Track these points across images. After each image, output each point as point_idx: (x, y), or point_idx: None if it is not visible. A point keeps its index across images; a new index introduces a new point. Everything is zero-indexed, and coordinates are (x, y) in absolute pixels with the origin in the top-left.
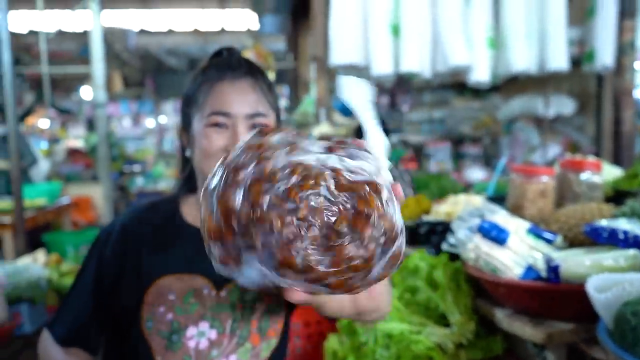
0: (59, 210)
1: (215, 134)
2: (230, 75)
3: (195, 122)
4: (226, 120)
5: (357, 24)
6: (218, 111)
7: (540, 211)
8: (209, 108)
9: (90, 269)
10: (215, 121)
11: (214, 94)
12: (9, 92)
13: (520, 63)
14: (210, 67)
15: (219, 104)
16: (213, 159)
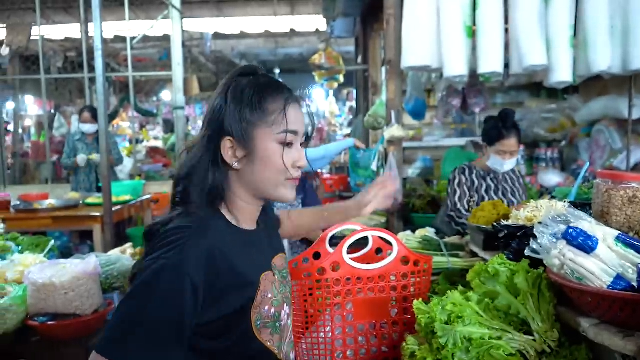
0: (141, 205)
1: (288, 151)
2: (298, 97)
3: (259, 136)
4: (294, 138)
5: (429, 27)
6: (293, 130)
7: (629, 219)
8: (283, 126)
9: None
10: (291, 139)
11: (291, 113)
12: (101, 97)
13: (602, 63)
14: (280, 87)
15: (293, 123)
16: (283, 174)
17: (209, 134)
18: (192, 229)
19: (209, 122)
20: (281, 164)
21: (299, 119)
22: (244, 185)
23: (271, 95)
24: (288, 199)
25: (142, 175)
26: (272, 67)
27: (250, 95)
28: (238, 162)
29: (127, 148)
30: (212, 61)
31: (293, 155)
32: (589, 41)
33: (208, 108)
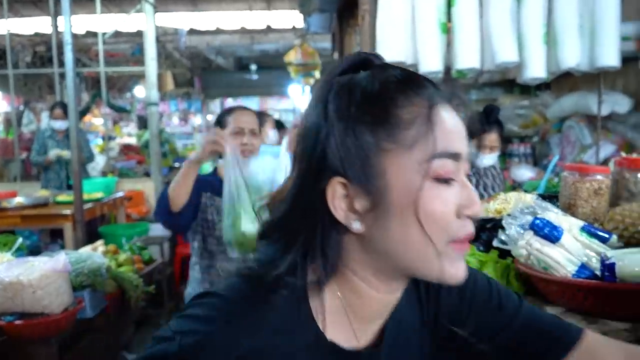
0: (114, 203)
1: (447, 189)
2: (449, 94)
3: (392, 170)
4: (455, 166)
5: (404, 22)
6: (452, 152)
7: (594, 210)
8: (434, 145)
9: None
10: (449, 169)
11: (444, 121)
12: (71, 92)
13: (571, 60)
14: (416, 80)
15: (450, 139)
16: (442, 234)
17: (302, 175)
18: (237, 314)
19: (301, 154)
20: (440, 216)
21: (457, 130)
22: (371, 259)
23: (405, 94)
24: (455, 279)
25: (116, 172)
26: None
27: (368, 101)
28: (359, 219)
29: (99, 145)
30: (186, 57)
31: (457, 195)
32: (559, 39)
33: (298, 132)
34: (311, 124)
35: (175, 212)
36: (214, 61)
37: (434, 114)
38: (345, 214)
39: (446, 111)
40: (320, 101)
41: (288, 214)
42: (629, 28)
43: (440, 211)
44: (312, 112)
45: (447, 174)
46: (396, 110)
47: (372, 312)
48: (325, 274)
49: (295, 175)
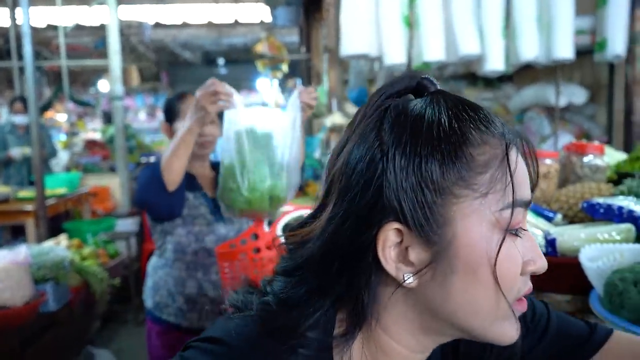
0: (78, 199)
1: (515, 243)
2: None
3: (461, 219)
4: (524, 216)
5: (368, 15)
6: (525, 200)
7: (544, 193)
8: (509, 195)
9: None
10: (520, 221)
11: (517, 166)
12: (30, 85)
13: (530, 52)
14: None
15: (522, 186)
16: (509, 294)
17: (346, 215)
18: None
19: (345, 191)
20: (511, 273)
21: (526, 175)
22: (412, 316)
23: (479, 131)
24: (512, 340)
25: (80, 168)
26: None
27: (439, 136)
28: (413, 273)
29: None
30: (152, 50)
31: (526, 248)
32: (517, 32)
33: (336, 164)
34: (360, 155)
35: (171, 191)
36: (181, 55)
37: (510, 156)
38: (396, 265)
39: (516, 153)
40: (371, 129)
41: (322, 257)
42: (585, 22)
43: (511, 269)
44: (360, 140)
45: (518, 225)
46: (470, 150)
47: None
48: (355, 329)
49: (334, 213)
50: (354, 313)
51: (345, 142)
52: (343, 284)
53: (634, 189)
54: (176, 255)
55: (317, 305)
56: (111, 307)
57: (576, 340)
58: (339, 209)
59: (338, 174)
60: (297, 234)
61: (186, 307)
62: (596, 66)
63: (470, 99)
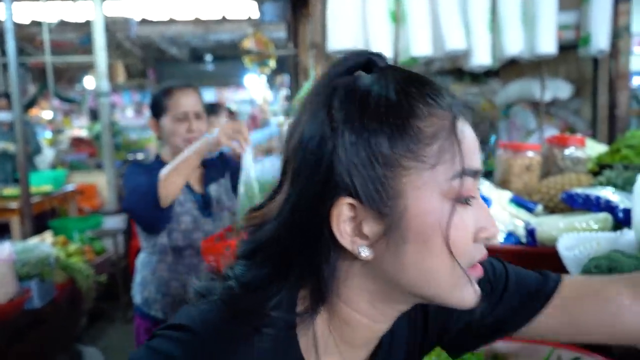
0: (64, 197)
1: (466, 211)
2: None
3: (412, 190)
4: (474, 185)
5: (354, 10)
6: (474, 169)
7: (526, 185)
8: (458, 164)
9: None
10: (471, 189)
11: (465, 135)
12: (14, 80)
13: (515, 47)
14: (434, 87)
15: (471, 155)
16: (464, 260)
17: (300, 194)
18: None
19: (298, 170)
20: (463, 240)
21: (475, 145)
22: (372, 287)
23: (426, 104)
24: (471, 303)
25: (66, 165)
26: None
27: (386, 110)
28: (368, 245)
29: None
30: (139, 47)
31: (477, 217)
32: (502, 26)
33: (290, 144)
34: (312, 133)
35: (163, 207)
36: (168, 52)
37: (457, 127)
38: (351, 239)
39: (464, 124)
40: (321, 107)
41: (280, 237)
42: (569, 17)
43: (463, 236)
44: (310, 119)
45: (469, 194)
46: (417, 122)
47: (362, 340)
48: (317, 305)
49: (290, 193)
50: (315, 289)
51: (297, 122)
52: (302, 262)
53: (612, 180)
54: (163, 254)
55: (279, 285)
56: (99, 304)
57: (532, 291)
58: (293, 188)
59: (292, 153)
60: (256, 216)
61: (174, 303)
62: (581, 61)
63: (457, 95)
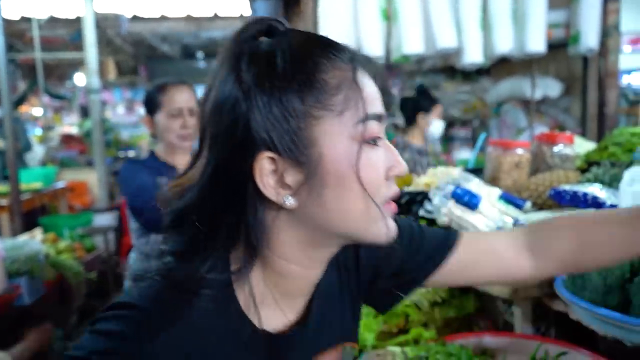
0: (54, 194)
1: (376, 152)
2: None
3: (324, 138)
4: (379, 128)
5: (346, 8)
6: (377, 113)
7: (515, 182)
8: (361, 110)
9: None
10: (376, 131)
11: (365, 84)
12: (3, 77)
13: (505, 45)
14: (333, 42)
15: (373, 101)
16: (377, 197)
17: (219, 155)
18: (162, 323)
19: (215, 133)
20: (375, 178)
21: (376, 92)
22: (300, 234)
23: (328, 59)
24: (390, 238)
25: (56, 162)
26: (195, 51)
27: (293, 68)
28: (292, 194)
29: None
30: (130, 43)
31: (385, 157)
32: (493, 24)
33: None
34: (225, 97)
35: None
36: (159, 49)
37: (359, 77)
38: (275, 190)
39: (364, 75)
40: (230, 72)
41: (205, 199)
42: (559, 15)
43: (374, 174)
44: (221, 85)
45: (375, 136)
46: (322, 76)
47: (297, 289)
48: (250, 261)
49: (210, 157)
50: (246, 246)
51: (209, 90)
52: (230, 221)
53: (599, 177)
54: None
55: (211, 247)
56: (89, 301)
57: (439, 243)
58: (213, 151)
59: (208, 119)
60: (178, 185)
61: None
62: (570, 59)
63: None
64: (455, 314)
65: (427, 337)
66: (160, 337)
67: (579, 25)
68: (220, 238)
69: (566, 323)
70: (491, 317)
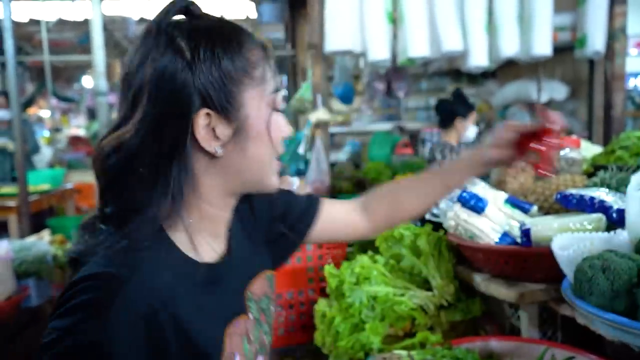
0: (62, 195)
1: (278, 117)
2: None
3: (250, 101)
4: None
5: (352, 11)
6: (279, 87)
7: (522, 186)
8: (273, 84)
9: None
10: (280, 101)
11: (272, 66)
12: (12, 79)
13: (510, 48)
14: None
15: (276, 80)
16: (275, 153)
17: (156, 117)
18: (120, 280)
19: (155, 98)
20: (277, 138)
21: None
22: (221, 180)
23: (249, 39)
24: (275, 188)
25: (64, 164)
26: None
27: (227, 43)
28: (223, 145)
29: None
30: None
31: (282, 123)
32: (499, 28)
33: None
34: (164, 66)
35: None
36: None
37: (269, 57)
38: (209, 142)
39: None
40: (167, 46)
41: (144, 151)
42: (565, 18)
43: (277, 134)
44: (159, 57)
45: (280, 105)
46: (246, 52)
47: (218, 230)
48: (180, 207)
49: (146, 114)
50: (177, 193)
51: (139, 62)
52: (167, 170)
53: (606, 181)
54: None
55: (148, 197)
56: None
57: (310, 203)
58: (154, 109)
59: (145, 86)
60: (110, 138)
61: None
62: (576, 62)
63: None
64: (461, 317)
65: (433, 341)
66: (120, 297)
67: (586, 29)
68: (157, 187)
69: (573, 327)
70: (497, 321)
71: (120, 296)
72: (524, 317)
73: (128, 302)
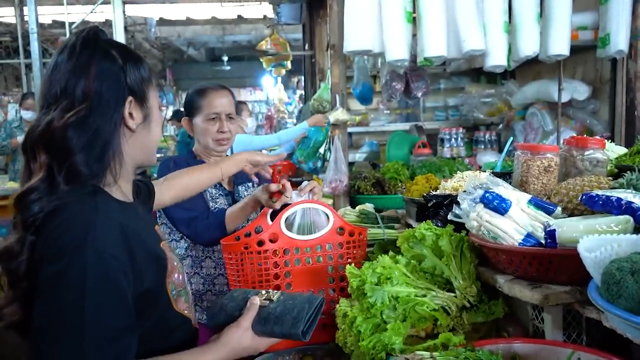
0: None
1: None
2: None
3: (152, 96)
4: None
5: (370, 11)
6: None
7: (545, 187)
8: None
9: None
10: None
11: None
12: (38, 82)
13: (530, 48)
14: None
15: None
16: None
17: (99, 107)
18: (94, 209)
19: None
20: (160, 123)
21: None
22: (134, 153)
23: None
24: (154, 164)
25: None
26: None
27: (137, 54)
28: (137, 125)
29: None
30: (157, 48)
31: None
32: (518, 27)
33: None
34: (106, 68)
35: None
36: (186, 52)
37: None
38: (131, 122)
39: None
40: (105, 55)
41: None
42: (587, 18)
43: (161, 121)
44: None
45: (161, 107)
46: (147, 66)
47: (129, 186)
48: (111, 173)
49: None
50: (113, 164)
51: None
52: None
53: (633, 182)
54: (188, 251)
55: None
56: None
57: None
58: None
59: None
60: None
61: (195, 298)
62: (598, 62)
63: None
64: (483, 319)
65: (455, 342)
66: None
67: (609, 28)
68: (101, 164)
69: (597, 330)
70: (520, 323)
71: (101, 220)
72: (547, 319)
73: (108, 224)
